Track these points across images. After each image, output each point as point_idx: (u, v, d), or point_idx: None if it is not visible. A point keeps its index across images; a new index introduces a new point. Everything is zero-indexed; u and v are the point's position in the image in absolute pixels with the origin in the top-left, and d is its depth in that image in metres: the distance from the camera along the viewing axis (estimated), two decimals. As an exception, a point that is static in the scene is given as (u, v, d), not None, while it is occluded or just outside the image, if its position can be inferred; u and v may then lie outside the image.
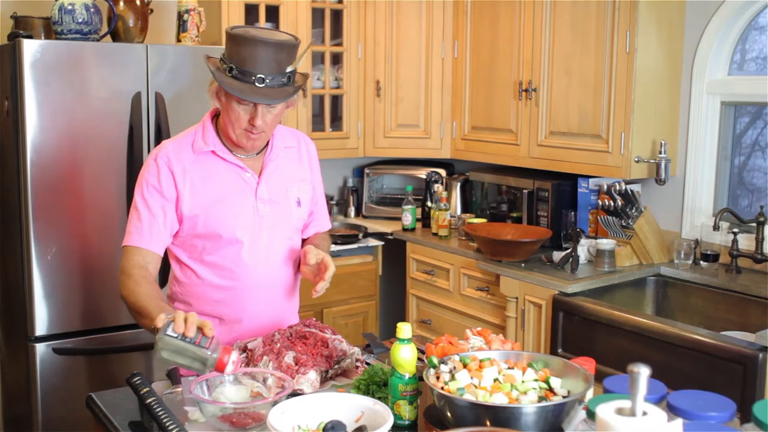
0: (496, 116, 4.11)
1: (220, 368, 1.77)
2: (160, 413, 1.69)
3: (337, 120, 4.52)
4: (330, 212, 4.10)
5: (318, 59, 4.43)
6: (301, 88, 2.16)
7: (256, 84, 2.07)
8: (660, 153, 3.45)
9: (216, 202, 2.21)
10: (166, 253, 2.30)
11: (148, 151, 3.46)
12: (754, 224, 3.30)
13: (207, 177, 2.21)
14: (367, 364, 2.10)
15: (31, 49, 3.20)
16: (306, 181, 2.38)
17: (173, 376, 2.01)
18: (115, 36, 3.62)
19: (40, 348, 3.36)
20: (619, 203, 3.50)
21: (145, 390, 1.81)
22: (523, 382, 1.74)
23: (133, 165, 3.42)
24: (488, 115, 4.16)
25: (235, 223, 2.22)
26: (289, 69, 2.11)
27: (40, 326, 3.34)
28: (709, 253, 3.42)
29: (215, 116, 2.30)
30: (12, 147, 3.33)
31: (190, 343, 1.78)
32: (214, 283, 2.25)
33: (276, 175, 2.29)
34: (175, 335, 1.78)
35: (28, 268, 3.31)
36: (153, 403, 1.74)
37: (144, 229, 2.20)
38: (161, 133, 3.46)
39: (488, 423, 1.59)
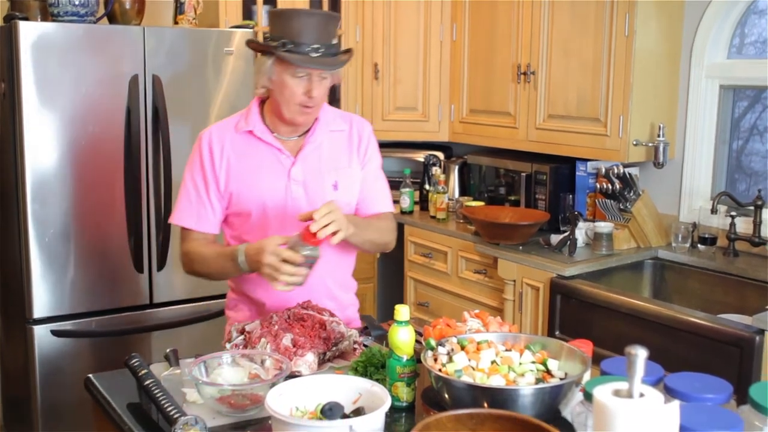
0: (494, 99, 4.10)
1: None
2: (159, 395, 1.70)
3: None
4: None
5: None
6: (351, 57, 2.21)
7: (311, 54, 2.12)
8: (658, 136, 3.45)
9: (248, 180, 2.25)
10: None
11: (146, 133, 3.46)
12: (752, 208, 3.30)
13: (243, 155, 2.26)
14: (365, 346, 2.10)
15: (27, 31, 3.19)
16: (351, 167, 2.35)
17: (171, 358, 2.01)
18: (112, 18, 3.60)
19: (39, 330, 3.36)
20: (617, 186, 3.50)
21: (143, 372, 1.82)
22: (520, 364, 1.75)
23: (131, 147, 3.41)
24: (486, 98, 4.15)
25: (266, 201, 2.24)
26: (334, 41, 2.17)
27: (39, 309, 3.35)
28: (706, 236, 3.42)
29: (261, 102, 2.32)
30: (9, 129, 3.33)
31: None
32: None
33: (313, 157, 2.29)
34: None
35: (25, 250, 3.31)
36: (151, 385, 1.75)
37: (195, 212, 2.28)
38: (158, 116, 3.45)
39: (486, 405, 1.60)
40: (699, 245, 3.43)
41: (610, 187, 3.51)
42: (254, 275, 2.21)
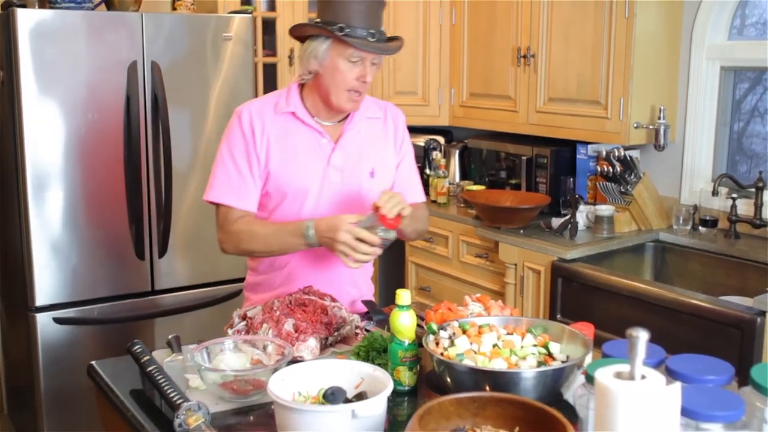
0: (494, 83, 4.08)
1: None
2: (161, 381, 1.70)
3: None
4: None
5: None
6: (403, 44, 2.23)
7: (369, 39, 2.13)
8: (659, 119, 3.44)
9: (288, 160, 2.24)
10: None
11: (146, 120, 3.46)
12: (753, 189, 3.29)
13: (284, 136, 2.24)
14: (367, 331, 2.11)
15: (25, 18, 3.18)
16: (386, 155, 2.36)
17: (173, 345, 2.01)
18: (110, 5, 3.59)
19: (41, 318, 3.37)
20: (618, 169, 3.49)
21: (145, 358, 1.82)
22: (522, 347, 1.75)
23: (131, 134, 3.41)
24: (486, 81, 4.14)
25: (303, 183, 2.24)
26: (383, 27, 2.19)
27: (41, 297, 3.35)
28: (707, 218, 3.42)
29: (300, 86, 2.31)
30: (8, 117, 3.32)
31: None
32: None
33: (352, 144, 2.29)
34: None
35: (27, 238, 3.31)
36: (154, 371, 1.75)
37: (236, 190, 2.24)
38: (158, 103, 3.45)
39: (488, 388, 1.60)
40: (700, 227, 3.43)
41: (611, 169, 3.50)
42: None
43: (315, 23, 2.18)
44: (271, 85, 4.15)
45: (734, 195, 3.30)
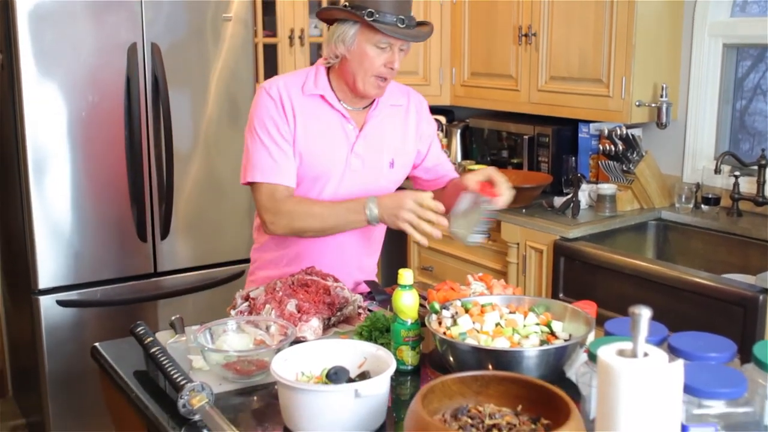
0: (495, 62, 4.07)
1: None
2: (165, 362, 1.70)
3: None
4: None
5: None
6: (433, 30, 2.20)
7: (399, 25, 2.09)
8: (661, 97, 3.43)
9: (313, 143, 2.21)
10: None
11: (146, 102, 3.45)
12: (756, 167, 3.29)
13: (311, 118, 2.22)
14: (369, 311, 2.11)
15: (24, 1, 3.16)
16: (406, 144, 2.34)
17: (176, 326, 2.02)
18: (109, -15, 3.57)
19: (45, 301, 3.38)
20: (620, 148, 3.48)
21: (149, 340, 1.82)
22: (524, 326, 1.75)
23: (131, 116, 3.40)
24: (488, 60, 4.12)
25: (324, 168, 2.22)
26: (412, 12, 2.16)
27: (44, 279, 3.36)
28: (710, 196, 3.41)
29: (327, 68, 2.27)
30: (9, 100, 3.32)
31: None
32: None
33: (375, 132, 2.28)
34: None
35: (29, 221, 3.31)
36: (157, 353, 1.75)
37: (278, 166, 2.18)
38: (158, 84, 3.44)
39: (490, 367, 1.61)
40: (702, 205, 3.43)
41: (613, 148, 3.49)
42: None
43: (344, 7, 2.14)
44: (271, 65, 4.14)
45: (737, 173, 3.30)
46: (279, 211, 2.17)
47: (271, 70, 4.11)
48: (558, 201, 3.53)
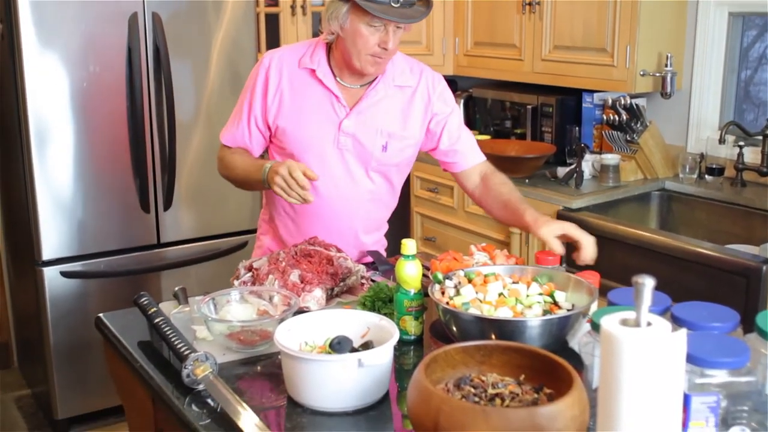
0: (499, 31, 4.04)
1: None
2: (169, 333, 1.71)
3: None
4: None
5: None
6: (431, 9, 2.12)
7: (392, 4, 2.02)
8: (666, 66, 3.40)
9: (298, 121, 2.20)
10: None
11: (148, 72, 3.43)
12: (760, 137, 3.27)
13: (298, 93, 2.20)
14: (372, 281, 2.11)
15: (23, -31, 3.14)
16: (407, 128, 2.26)
17: (180, 297, 2.02)
18: (110, -46, 3.54)
19: (49, 272, 3.38)
20: (624, 118, 3.47)
21: (152, 310, 1.83)
22: (527, 296, 1.75)
23: (133, 86, 3.38)
24: (491, 30, 4.09)
25: (310, 147, 2.20)
26: None
27: (47, 251, 3.36)
28: (714, 166, 3.40)
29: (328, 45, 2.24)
30: (9, 71, 3.30)
31: None
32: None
33: (370, 112, 2.22)
34: None
35: (31, 193, 3.31)
36: (161, 323, 1.76)
37: (237, 131, 2.28)
38: (159, 54, 3.42)
39: (493, 336, 1.61)
40: (706, 176, 3.42)
41: (617, 118, 3.48)
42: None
43: None
44: (273, 35, 4.11)
45: (741, 143, 3.28)
46: (219, 158, 2.34)
47: (273, 40, 4.08)
48: (561, 171, 3.52)
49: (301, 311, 1.79)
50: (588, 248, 2.03)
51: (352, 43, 2.09)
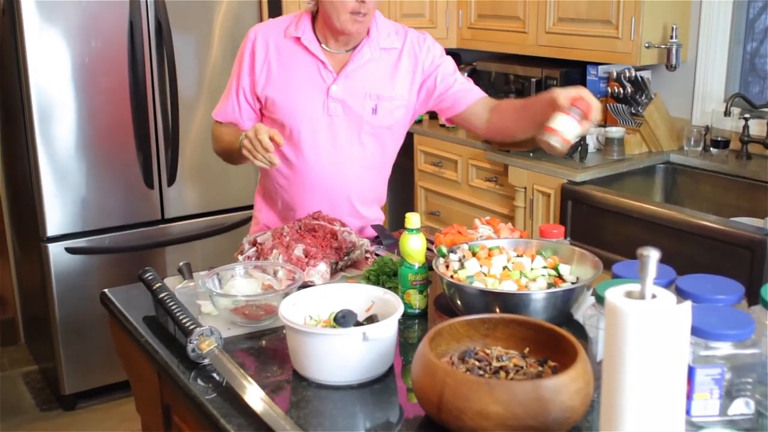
0: (503, 4, 4.01)
1: None
2: (174, 307, 1.71)
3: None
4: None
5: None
6: None
7: None
8: (671, 38, 3.38)
9: (286, 90, 2.22)
10: None
11: (150, 47, 3.42)
12: (766, 110, 3.25)
13: (285, 63, 2.22)
14: (377, 255, 2.11)
15: (24, -57, 3.12)
16: (396, 89, 2.26)
17: (185, 272, 2.02)
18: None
19: (53, 248, 3.39)
20: (629, 90, 3.45)
21: (157, 285, 1.83)
22: (532, 269, 1.75)
23: (135, 62, 3.37)
24: (495, 2, 4.06)
25: (300, 115, 2.21)
26: None
27: (52, 227, 3.37)
28: (719, 139, 3.39)
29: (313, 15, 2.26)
30: (11, 48, 3.28)
31: None
32: (279, 168, 2.26)
33: (357, 75, 2.22)
34: None
35: (35, 170, 3.31)
36: (166, 298, 1.76)
37: (227, 105, 2.31)
38: (161, 29, 3.40)
39: (498, 310, 1.61)
40: (711, 149, 3.40)
41: (622, 91, 3.46)
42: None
43: None
44: (275, 9, 4.08)
45: (746, 115, 3.26)
46: (211, 135, 2.38)
47: (276, 13, 4.06)
48: (566, 145, 3.50)
49: (305, 285, 1.79)
50: (595, 107, 1.95)
51: (330, 4, 2.11)
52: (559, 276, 1.74)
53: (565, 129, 1.91)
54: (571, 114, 1.92)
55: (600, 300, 1.42)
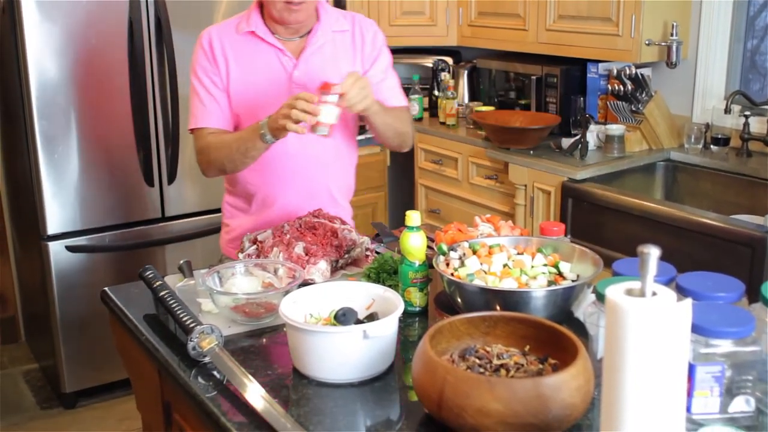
0: (503, 1, 4.00)
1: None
2: (174, 305, 1.71)
3: (340, 7, 4.41)
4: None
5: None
6: None
7: None
8: (671, 35, 3.38)
9: (250, 83, 2.22)
10: None
11: (150, 44, 3.41)
12: (766, 107, 3.25)
13: (244, 58, 2.22)
14: (377, 253, 2.11)
15: (23, -59, 3.12)
16: (352, 69, 2.24)
17: (185, 270, 2.02)
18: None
19: (54, 246, 3.39)
20: (629, 88, 3.45)
21: (158, 283, 1.83)
22: (532, 267, 1.75)
23: (135, 59, 3.37)
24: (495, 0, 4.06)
25: (268, 105, 2.18)
26: None
27: (52, 225, 3.37)
28: (719, 136, 3.38)
29: (261, 5, 2.27)
30: (11, 45, 3.28)
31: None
32: (252, 165, 2.23)
33: (316, 59, 2.24)
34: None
35: (35, 168, 3.31)
36: (166, 296, 1.76)
37: (207, 110, 2.24)
38: (161, 27, 3.40)
39: (498, 308, 1.61)
40: (712, 146, 3.40)
41: (622, 88, 3.46)
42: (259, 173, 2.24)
43: None
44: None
45: (747, 113, 3.26)
46: (201, 149, 2.25)
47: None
48: (566, 142, 3.51)
49: (305, 283, 1.79)
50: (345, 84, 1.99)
51: None
52: (560, 274, 1.74)
53: (325, 117, 1.97)
54: (327, 100, 1.97)
55: (600, 297, 1.42)
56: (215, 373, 1.55)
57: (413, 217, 1.78)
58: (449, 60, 4.44)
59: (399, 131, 2.30)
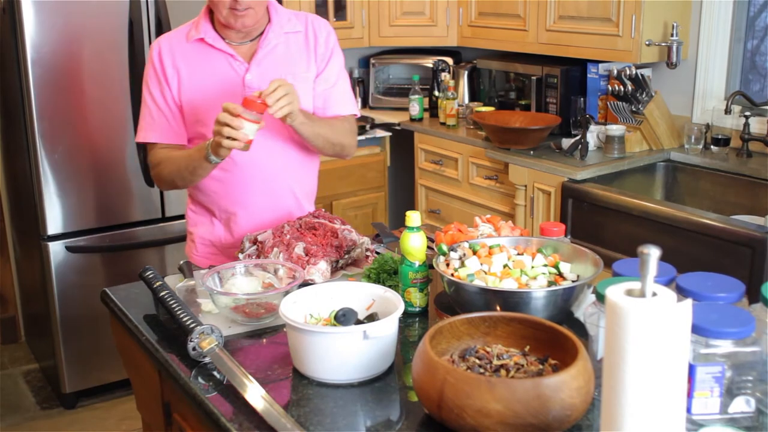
0: (503, 1, 4.01)
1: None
2: (174, 306, 1.71)
3: (341, 9, 4.42)
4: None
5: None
6: None
7: None
8: (671, 36, 3.38)
9: (203, 91, 2.19)
10: None
11: (150, 45, 3.41)
12: (766, 107, 3.25)
13: (195, 66, 2.20)
14: (377, 253, 2.11)
15: (24, -58, 3.12)
16: (306, 69, 2.26)
17: (185, 270, 2.02)
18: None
19: (54, 247, 3.39)
20: (630, 88, 3.45)
21: (158, 284, 1.83)
22: (532, 267, 1.75)
23: (135, 60, 3.37)
24: (495, 0, 4.06)
25: (219, 111, 2.15)
26: None
27: (52, 225, 3.37)
28: (719, 137, 3.38)
29: (210, 11, 2.24)
30: (11, 46, 3.28)
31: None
32: (212, 173, 2.20)
33: (269, 61, 2.22)
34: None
35: (36, 168, 3.31)
36: (167, 296, 1.76)
37: (156, 124, 2.23)
38: (161, 27, 3.40)
39: (498, 308, 1.61)
40: (712, 146, 3.40)
41: (622, 88, 3.46)
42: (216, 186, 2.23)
43: None
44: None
45: (747, 113, 3.26)
46: (153, 164, 2.26)
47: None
48: (566, 142, 3.51)
49: (305, 284, 1.79)
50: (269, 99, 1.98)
51: (211, 1, 2.14)
52: (560, 274, 1.74)
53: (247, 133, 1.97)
54: (248, 117, 1.96)
55: (600, 298, 1.42)
56: (215, 373, 1.55)
57: (413, 218, 1.78)
58: (449, 60, 4.44)
59: (333, 142, 2.26)
